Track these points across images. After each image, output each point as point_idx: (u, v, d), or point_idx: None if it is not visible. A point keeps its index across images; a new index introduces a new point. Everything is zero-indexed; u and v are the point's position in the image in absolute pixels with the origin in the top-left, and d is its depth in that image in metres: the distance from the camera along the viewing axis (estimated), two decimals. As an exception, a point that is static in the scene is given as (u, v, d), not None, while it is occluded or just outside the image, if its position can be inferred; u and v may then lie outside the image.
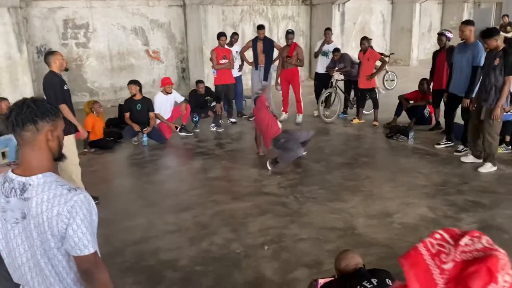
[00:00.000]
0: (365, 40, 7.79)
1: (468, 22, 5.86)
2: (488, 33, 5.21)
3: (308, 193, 4.97)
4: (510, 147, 6.17)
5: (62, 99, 4.44)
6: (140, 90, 7.06)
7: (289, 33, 7.90)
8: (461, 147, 6.15)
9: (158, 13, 10.53)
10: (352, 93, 8.48)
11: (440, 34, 6.99)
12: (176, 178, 5.67)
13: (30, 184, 1.54)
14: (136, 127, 6.90)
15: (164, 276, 3.43)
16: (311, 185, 5.18)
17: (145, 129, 6.90)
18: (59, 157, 1.67)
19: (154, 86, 10.44)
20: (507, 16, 14.69)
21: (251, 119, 8.53)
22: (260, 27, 8.27)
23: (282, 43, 12.85)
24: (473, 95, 5.75)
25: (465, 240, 1.23)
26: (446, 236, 1.28)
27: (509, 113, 6.14)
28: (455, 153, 6.07)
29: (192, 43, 10.74)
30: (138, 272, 3.49)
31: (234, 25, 11.64)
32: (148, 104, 7.09)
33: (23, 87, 8.33)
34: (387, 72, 11.39)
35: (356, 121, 8.12)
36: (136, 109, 6.99)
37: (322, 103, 8.36)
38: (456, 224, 4.10)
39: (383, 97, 8.77)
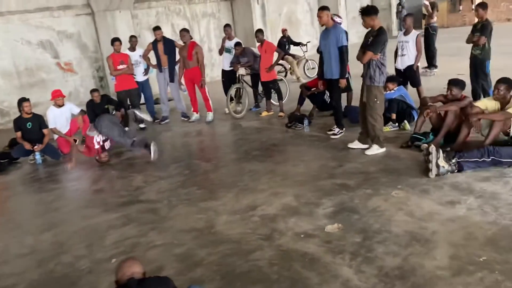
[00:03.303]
0: (259, 33, 7.77)
1: (324, 8, 5.90)
2: (366, 11, 5.22)
3: (185, 195, 4.89)
4: (396, 124, 6.24)
5: None
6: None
7: (182, 31, 7.77)
8: (336, 129, 6.18)
9: (65, 24, 10.22)
10: (261, 86, 8.45)
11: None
12: (57, 195, 5.47)
13: None
14: (27, 146, 6.66)
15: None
16: (191, 187, 5.10)
17: (35, 146, 6.65)
18: None
19: (71, 99, 10.12)
20: None
21: (162, 123, 8.41)
22: (156, 28, 8.11)
23: (204, 41, 12.85)
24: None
25: None
26: None
27: (392, 91, 6.24)
28: (332, 137, 6.14)
29: (106, 51, 10.42)
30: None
31: (151, 27, 11.37)
32: (39, 120, 6.85)
33: None
34: (307, 60, 11.45)
35: (264, 113, 8.10)
36: (27, 127, 6.74)
37: (231, 99, 8.30)
38: (313, 210, 4.10)
39: (295, 87, 8.75)
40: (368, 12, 5.19)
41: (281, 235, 3.73)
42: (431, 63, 10.01)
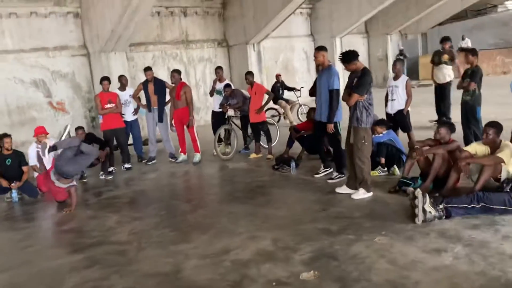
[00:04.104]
0: (248, 75, 7.74)
1: (321, 48, 5.80)
2: (345, 59, 5.14)
3: (157, 237, 4.60)
4: (385, 169, 6.03)
5: None
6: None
7: (173, 72, 7.75)
8: (335, 174, 5.97)
9: (60, 64, 10.27)
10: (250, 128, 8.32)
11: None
12: (27, 234, 5.16)
13: None
14: (4, 183, 6.43)
15: None
16: (165, 228, 4.82)
17: (12, 184, 6.43)
18: None
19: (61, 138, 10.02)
20: (449, 40, 9.42)
21: (149, 163, 8.22)
22: (147, 69, 8.11)
23: (200, 85, 12.93)
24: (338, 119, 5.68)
25: None
26: None
27: (381, 134, 6.08)
28: (329, 181, 5.87)
29: (99, 91, 10.47)
30: None
31: (146, 70, 11.50)
32: (19, 157, 6.68)
33: None
34: (300, 105, 11.42)
35: (253, 155, 7.92)
36: (6, 164, 6.55)
37: (219, 141, 8.16)
38: (290, 256, 3.81)
39: (287, 132, 8.61)
40: (348, 59, 5.09)
41: (251, 282, 3.42)
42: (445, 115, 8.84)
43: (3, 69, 9.53)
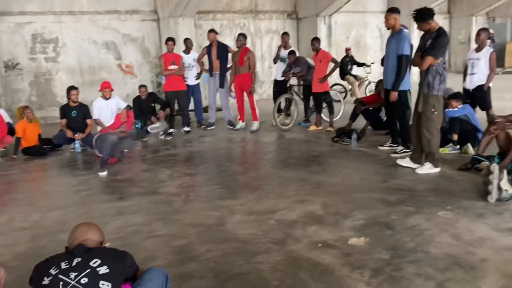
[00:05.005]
0: (315, 41, 7.34)
1: (393, 10, 5.28)
2: (419, 17, 4.61)
3: (206, 192, 4.51)
4: (458, 146, 5.46)
5: None
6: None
7: (239, 35, 7.55)
8: (399, 148, 5.51)
9: (130, 28, 10.51)
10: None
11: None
12: (82, 180, 5.26)
13: None
14: (69, 133, 6.66)
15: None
16: (215, 185, 4.71)
17: (76, 135, 6.64)
18: None
19: (128, 100, 10.29)
20: None
21: (208, 128, 8.18)
22: (210, 31, 7.97)
23: (265, 57, 12.69)
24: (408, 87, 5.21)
25: None
26: None
27: (455, 109, 5.51)
28: (392, 155, 5.43)
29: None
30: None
31: (213, 39, 11.46)
32: (84, 110, 6.87)
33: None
34: (369, 82, 10.81)
35: (313, 128, 7.58)
36: (71, 115, 6.78)
37: (279, 111, 7.91)
38: (340, 221, 3.52)
39: (351, 104, 8.17)
40: (422, 17, 4.51)
41: (295, 242, 3.19)
42: None
43: (78, 30, 9.93)
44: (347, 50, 11.09)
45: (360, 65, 10.98)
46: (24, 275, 2.30)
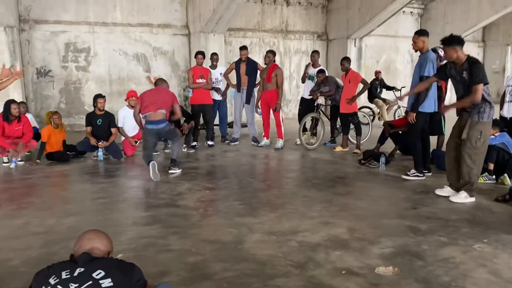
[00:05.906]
0: (345, 61, 7.16)
1: (422, 33, 5.16)
2: (446, 40, 4.43)
3: (225, 208, 4.33)
4: (494, 176, 5.14)
5: None
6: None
7: (268, 52, 7.48)
8: (412, 171, 5.27)
9: (161, 41, 10.62)
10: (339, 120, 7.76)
11: (433, 50, 6.21)
12: (102, 188, 5.18)
13: None
14: (93, 141, 6.65)
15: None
16: (235, 201, 4.53)
17: (100, 143, 6.62)
18: None
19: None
20: None
21: (231, 144, 8.06)
22: (243, 48, 7.92)
23: (293, 77, 12.59)
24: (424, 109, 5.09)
25: None
26: None
27: (492, 136, 5.22)
28: (404, 176, 5.28)
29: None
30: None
31: (242, 56, 11.45)
32: (109, 119, 6.87)
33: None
34: (399, 107, 10.54)
35: (339, 148, 7.36)
36: (97, 123, 6.78)
37: (304, 130, 7.73)
38: (366, 247, 3.27)
39: (379, 127, 7.94)
40: (448, 42, 4.36)
41: (317, 266, 2.96)
42: None
43: (110, 41, 10.08)
44: (377, 73, 10.88)
45: (390, 88, 10.75)
46: (30, 282, 2.17)
